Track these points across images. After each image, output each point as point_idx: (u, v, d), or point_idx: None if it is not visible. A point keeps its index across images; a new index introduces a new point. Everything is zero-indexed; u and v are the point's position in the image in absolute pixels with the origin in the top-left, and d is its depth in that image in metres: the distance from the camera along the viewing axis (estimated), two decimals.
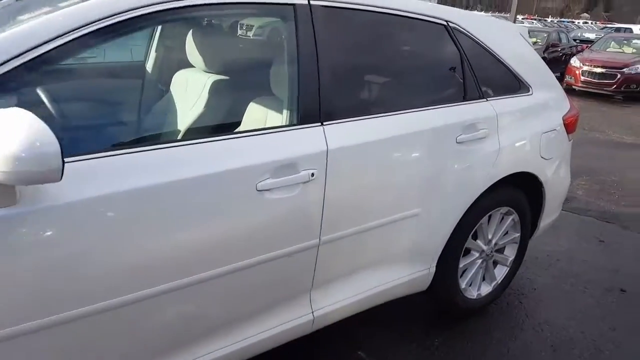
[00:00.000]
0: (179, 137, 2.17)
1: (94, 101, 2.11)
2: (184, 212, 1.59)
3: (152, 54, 2.85)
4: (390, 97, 2.21)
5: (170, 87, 2.54)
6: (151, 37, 2.87)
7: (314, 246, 1.93)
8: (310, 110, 1.88)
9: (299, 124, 1.86)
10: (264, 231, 1.78)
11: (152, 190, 1.52)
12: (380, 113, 2.07)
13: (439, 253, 2.42)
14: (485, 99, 2.42)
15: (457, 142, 2.27)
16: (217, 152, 1.68)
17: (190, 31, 2.34)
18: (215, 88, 2.32)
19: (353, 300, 2.18)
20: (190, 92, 2.40)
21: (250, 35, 2.51)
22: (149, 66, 2.86)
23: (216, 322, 1.80)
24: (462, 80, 2.35)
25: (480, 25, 2.43)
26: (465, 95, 2.36)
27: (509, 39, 2.59)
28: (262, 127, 1.85)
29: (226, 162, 1.67)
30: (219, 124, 2.31)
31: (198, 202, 1.62)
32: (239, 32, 2.52)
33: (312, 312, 2.05)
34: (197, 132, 2.21)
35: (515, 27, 2.73)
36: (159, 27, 2.84)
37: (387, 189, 2.09)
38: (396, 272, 2.30)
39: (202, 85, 2.35)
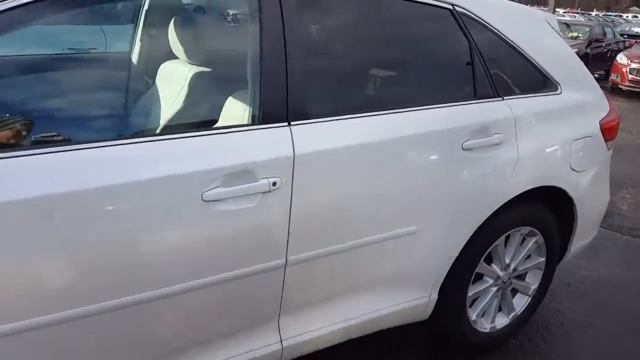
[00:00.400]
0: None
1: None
2: (112, 224, 1.34)
3: (137, 44, 2.62)
4: (380, 94, 1.89)
5: (156, 80, 2.30)
6: (135, 24, 2.63)
7: (279, 267, 1.62)
8: (275, 107, 1.57)
9: (261, 123, 1.56)
10: (215, 248, 1.50)
11: (68, 198, 1.27)
12: (366, 112, 1.74)
13: (442, 278, 2.06)
14: (500, 98, 2.04)
15: (463, 149, 1.91)
16: (157, 154, 1.41)
17: (172, 19, 2.10)
18: (195, 81, 2.06)
19: (333, 329, 1.85)
20: (173, 85, 2.14)
21: (227, 21, 2.23)
22: (134, 57, 2.63)
23: (162, 350, 1.54)
24: (471, 75, 1.98)
25: (495, 10, 2.06)
26: (475, 92, 1.99)
27: (532, 28, 2.20)
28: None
29: (166, 166, 1.40)
30: (196, 121, 2.05)
31: (130, 213, 1.36)
32: (219, 18, 2.25)
33: (281, 341, 1.75)
34: (170, 129, 1.95)
35: (542, 13, 2.33)
36: (143, 13, 2.60)
37: (373, 203, 1.76)
38: (387, 298, 1.95)
39: (184, 78, 2.09)
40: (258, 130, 1.55)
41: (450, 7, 1.94)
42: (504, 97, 2.05)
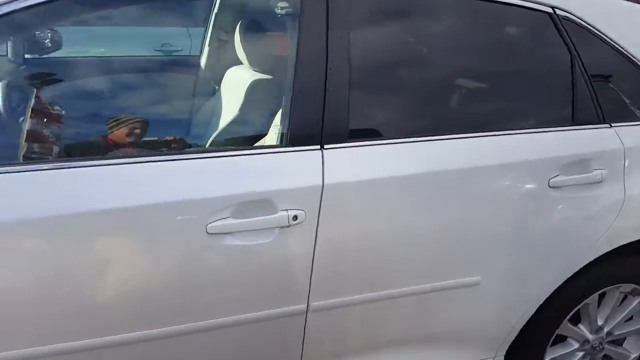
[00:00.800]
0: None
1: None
2: (96, 254, 1.18)
3: (206, 48, 2.49)
4: (444, 115, 1.55)
5: (221, 86, 2.16)
6: (205, 28, 2.50)
7: (298, 313, 1.38)
8: (307, 126, 1.33)
9: (288, 145, 1.33)
10: (220, 288, 1.29)
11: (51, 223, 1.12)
12: (424, 136, 1.43)
13: (511, 339, 1.70)
14: (607, 125, 1.62)
15: (550, 186, 1.54)
16: (161, 176, 1.23)
17: (239, 22, 1.93)
18: (252, 90, 1.86)
19: None
20: (234, 93, 1.98)
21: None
22: (202, 62, 2.50)
23: None
24: (570, 95, 1.59)
25: (610, 13, 1.62)
26: (573, 116, 1.60)
27: None
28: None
29: (166, 192, 1.21)
30: (241, 137, 1.86)
31: (119, 242, 1.20)
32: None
33: None
34: (218, 143, 1.79)
35: None
36: (213, 17, 2.46)
37: (425, 247, 1.46)
38: (438, 358, 1.64)
39: (245, 85, 1.91)
40: (283, 153, 1.32)
41: (550, 10, 1.55)
42: (613, 124, 1.63)
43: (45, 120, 1.55)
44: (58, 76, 2.08)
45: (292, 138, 1.32)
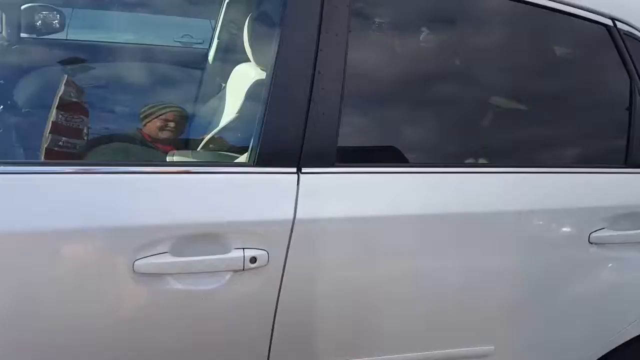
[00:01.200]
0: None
1: None
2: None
3: (215, 42, 2.24)
4: (461, 141, 1.24)
5: (227, 85, 1.89)
6: (216, 19, 2.25)
7: None
8: (280, 143, 1.04)
9: (255, 165, 1.04)
10: (149, 345, 1.01)
11: None
12: (430, 166, 1.14)
13: None
14: None
15: (590, 242, 1.22)
16: (72, 194, 0.95)
17: (249, 13, 1.68)
18: (253, 90, 1.60)
19: None
20: (238, 93, 1.72)
21: None
22: (210, 56, 2.24)
23: None
24: (625, 130, 1.27)
25: None
26: (627, 157, 1.27)
27: None
28: None
29: (77, 215, 0.94)
30: (229, 147, 1.60)
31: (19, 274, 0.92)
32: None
33: None
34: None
35: None
36: (224, 7, 2.21)
37: (425, 306, 1.16)
38: None
39: (248, 84, 1.65)
40: (247, 174, 1.03)
41: (609, 22, 1.23)
42: None
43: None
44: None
45: (262, 156, 1.02)
